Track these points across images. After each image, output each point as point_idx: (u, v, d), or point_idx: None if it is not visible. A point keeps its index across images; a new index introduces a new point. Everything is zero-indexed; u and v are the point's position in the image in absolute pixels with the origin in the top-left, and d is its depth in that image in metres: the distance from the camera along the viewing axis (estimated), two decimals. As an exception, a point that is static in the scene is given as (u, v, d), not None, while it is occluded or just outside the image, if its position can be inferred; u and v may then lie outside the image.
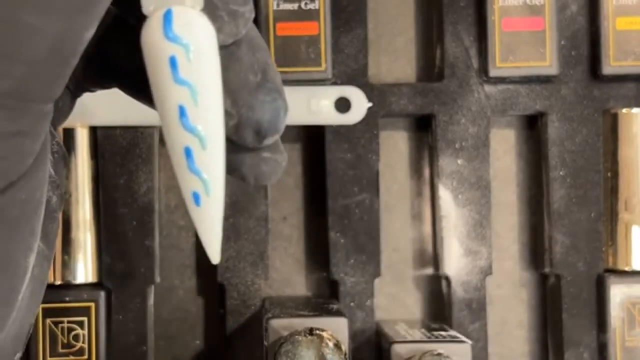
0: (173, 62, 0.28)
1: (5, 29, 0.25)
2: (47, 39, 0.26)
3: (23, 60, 0.26)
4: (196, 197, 0.30)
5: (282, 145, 0.35)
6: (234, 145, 0.33)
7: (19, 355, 0.34)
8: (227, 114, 0.31)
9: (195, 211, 0.31)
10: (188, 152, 0.29)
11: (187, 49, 0.28)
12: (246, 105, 0.32)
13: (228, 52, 0.31)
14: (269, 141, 0.33)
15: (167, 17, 0.28)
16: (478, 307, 0.59)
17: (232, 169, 0.34)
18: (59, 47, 0.26)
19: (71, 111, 0.37)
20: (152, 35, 0.28)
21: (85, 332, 0.56)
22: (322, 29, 0.57)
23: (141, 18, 0.29)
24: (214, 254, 0.32)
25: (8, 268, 0.30)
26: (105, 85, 0.36)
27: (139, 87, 0.32)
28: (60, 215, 0.35)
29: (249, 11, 0.31)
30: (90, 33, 0.27)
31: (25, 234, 0.30)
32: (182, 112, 0.28)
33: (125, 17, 0.32)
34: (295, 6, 0.57)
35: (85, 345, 0.56)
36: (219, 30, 0.29)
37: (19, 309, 0.32)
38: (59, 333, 0.55)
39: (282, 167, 0.35)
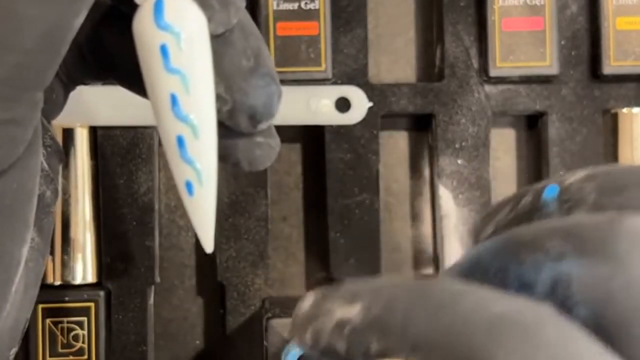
0: (164, 51, 0.28)
1: (0, 18, 0.26)
2: (40, 27, 0.26)
3: (16, 48, 0.26)
4: (189, 187, 0.30)
5: (275, 130, 0.35)
6: (228, 131, 0.33)
7: (14, 350, 0.34)
8: (221, 100, 0.31)
9: (189, 201, 0.31)
10: (180, 141, 0.29)
11: (178, 38, 0.28)
12: (240, 90, 0.32)
13: (221, 37, 0.31)
14: (263, 126, 0.33)
15: (159, 5, 0.28)
16: (478, 307, 0.58)
17: (226, 155, 0.34)
18: (50, 35, 0.27)
19: (65, 104, 0.37)
20: (143, 24, 0.28)
21: (85, 332, 0.55)
22: (322, 29, 0.57)
23: (133, 7, 0.29)
24: (208, 243, 0.32)
25: (1, 257, 0.30)
26: (99, 76, 0.37)
27: (133, 78, 0.32)
28: (54, 210, 0.35)
29: (240, 0, 0.31)
30: (79, 21, 0.27)
31: (18, 224, 0.30)
32: (173, 100, 0.28)
33: (118, 6, 0.33)
34: (295, 6, 0.57)
35: (85, 346, 0.55)
36: (210, 19, 0.29)
37: (14, 302, 0.32)
38: (58, 333, 0.55)
39: (276, 151, 0.35)
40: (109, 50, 0.34)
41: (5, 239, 0.30)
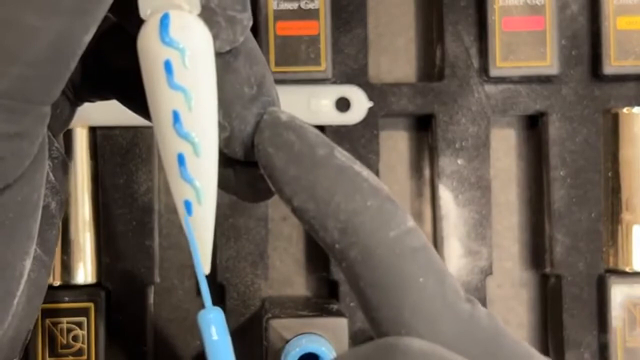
0: (168, 67, 0.27)
1: (7, 29, 0.25)
2: (48, 40, 0.26)
3: (23, 60, 0.26)
4: (188, 206, 0.30)
5: None
6: (226, 159, 0.32)
7: None
8: (219, 126, 0.31)
9: (187, 220, 0.30)
10: (181, 159, 0.29)
11: (183, 54, 0.27)
12: (239, 117, 0.31)
13: (225, 63, 0.31)
14: None
15: (164, 21, 0.27)
16: (478, 308, 0.58)
17: (224, 185, 0.33)
18: (58, 49, 0.26)
19: (71, 120, 0.37)
20: (148, 39, 0.28)
21: (85, 332, 0.55)
22: (322, 28, 0.57)
23: (138, 23, 0.28)
24: (205, 264, 0.32)
25: (3, 270, 0.29)
26: (103, 95, 0.36)
27: (136, 97, 0.32)
28: (60, 222, 0.35)
29: (247, 18, 0.31)
30: (89, 36, 0.27)
31: (22, 237, 0.30)
32: (175, 117, 0.28)
33: (122, 24, 0.32)
34: (295, 6, 0.56)
35: (85, 346, 0.55)
36: (215, 36, 0.29)
37: (15, 314, 0.32)
38: (58, 334, 0.55)
39: None
40: (112, 67, 0.34)
41: (8, 251, 0.29)
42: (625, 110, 0.58)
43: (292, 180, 0.30)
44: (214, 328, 0.29)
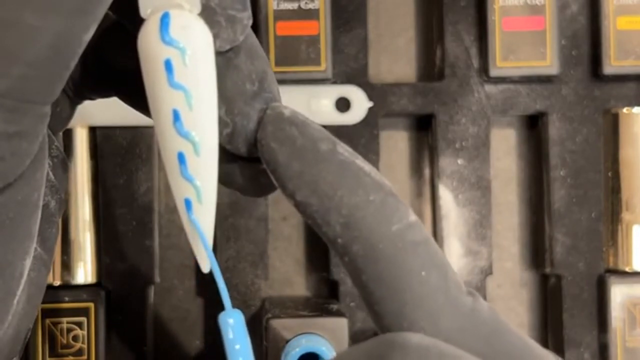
0: (168, 66, 0.27)
1: (6, 29, 0.25)
2: (47, 40, 0.26)
3: (23, 60, 0.26)
4: (188, 205, 0.30)
5: None
6: (229, 155, 0.33)
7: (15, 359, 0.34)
8: (222, 122, 0.31)
9: (187, 219, 0.31)
10: (181, 158, 0.29)
11: (183, 53, 0.27)
12: (241, 113, 0.32)
13: (226, 59, 0.31)
14: None
15: (164, 20, 0.28)
16: (478, 308, 0.58)
17: (227, 180, 0.33)
18: (58, 48, 0.26)
19: (71, 118, 0.37)
20: (148, 38, 0.28)
21: (85, 332, 0.55)
22: (322, 28, 0.57)
23: (139, 22, 0.28)
24: (204, 264, 0.32)
25: (4, 270, 0.29)
26: (103, 92, 0.36)
27: (136, 94, 0.32)
28: (59, 220, 0.35)
29: (247, 17, 0.31)
30: (89, 35, 0.27)
31: (22, 236, 0.30)
32: (176, 116, 0.28)
33: (122, 22, 0.32)
34: (295, 6, 0.56)
35: (85, 346, 0.55)
36: (216, 35, 0.29)
37: (15, 313, 0.32)
38: (58, 333, 0.55)
39: None
40: (113, 66, 0.34)
41: (9, 251, 0.29)
42: (625, 110, 0.58)
43: (295, 175, 0.30)
44: (235, 330, 0.29)
